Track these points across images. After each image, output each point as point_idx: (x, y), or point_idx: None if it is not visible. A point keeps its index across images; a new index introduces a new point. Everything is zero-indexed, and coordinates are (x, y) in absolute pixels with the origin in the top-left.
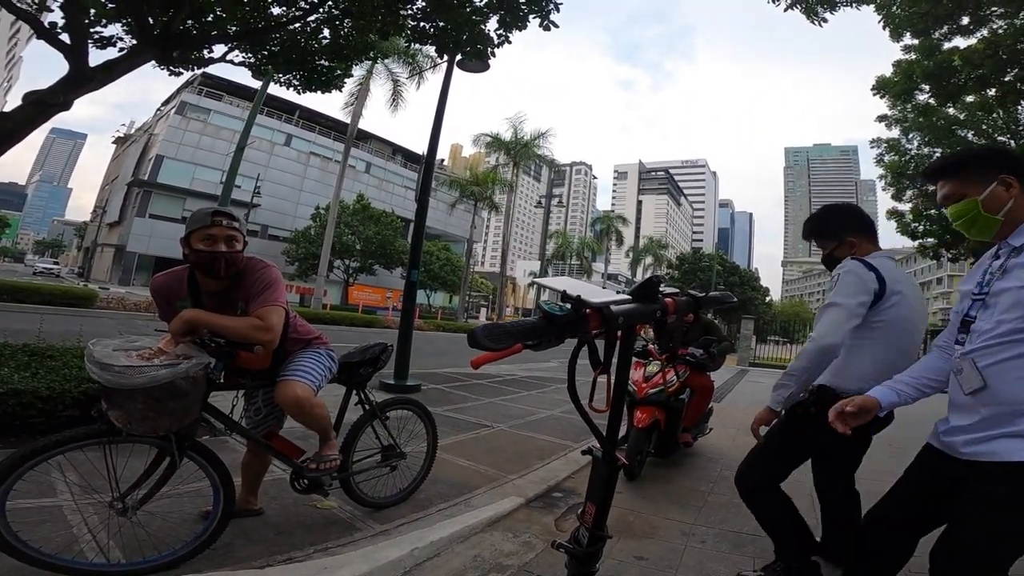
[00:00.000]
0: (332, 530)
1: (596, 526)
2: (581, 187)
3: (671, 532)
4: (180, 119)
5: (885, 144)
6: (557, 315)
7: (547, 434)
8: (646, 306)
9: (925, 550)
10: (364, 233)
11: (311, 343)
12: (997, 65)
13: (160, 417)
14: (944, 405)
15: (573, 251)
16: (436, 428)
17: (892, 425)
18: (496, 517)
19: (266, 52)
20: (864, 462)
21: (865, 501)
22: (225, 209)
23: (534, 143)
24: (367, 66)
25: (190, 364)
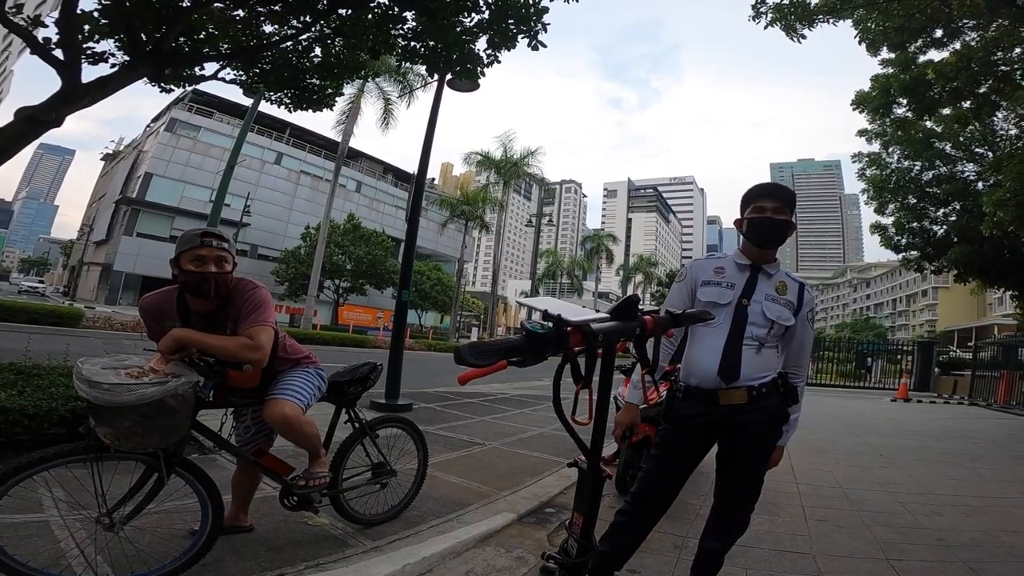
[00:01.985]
0: (323, 547)
1: (584, 536)
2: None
3: (663, 545)
4: (170, 136)
5: (866, 158)
6: (539, 333)
7: (539, 451)
8: (626, 324)
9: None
10: (354, 253)
11: (300, 362)
12: (971, 78)
13: (148, 434)
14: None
15: (564, 270)
16: (427, 445)
17: (882, 434)
18: (489, 533)
19: (257, 70)
20: (856, 472)
21: (860, 509)
22: (215, 230)
23: (524, 161)
24: (358, 85)
25: (179, 382)
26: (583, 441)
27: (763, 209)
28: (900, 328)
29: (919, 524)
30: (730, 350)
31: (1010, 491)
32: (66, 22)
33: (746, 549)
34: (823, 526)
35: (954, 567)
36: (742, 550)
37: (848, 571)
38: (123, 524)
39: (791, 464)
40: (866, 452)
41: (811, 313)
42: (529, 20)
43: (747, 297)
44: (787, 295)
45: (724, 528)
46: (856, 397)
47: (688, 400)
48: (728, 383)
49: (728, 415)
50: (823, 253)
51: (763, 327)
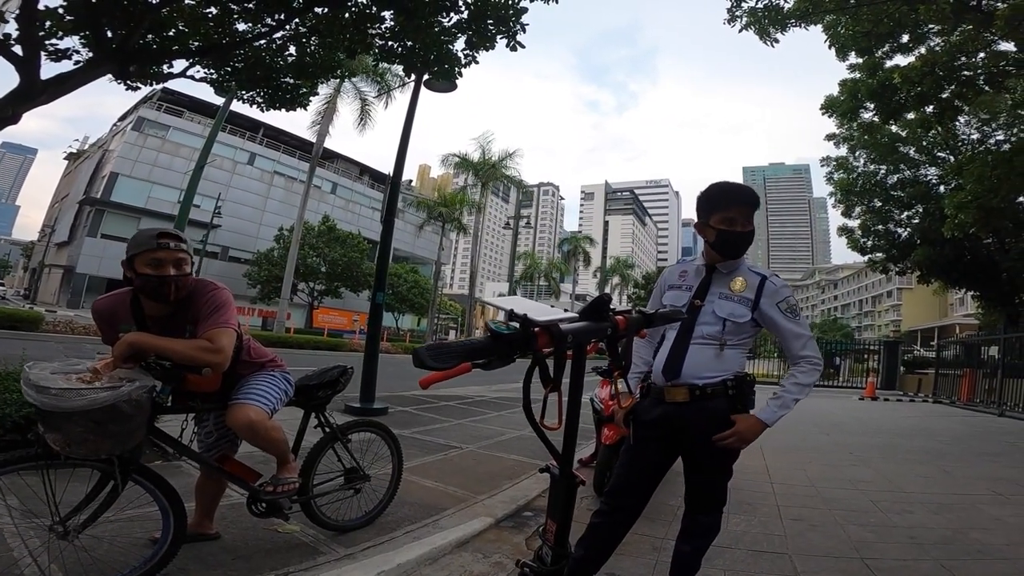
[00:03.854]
0: (294, 554)
1: (558, 543)
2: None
3: (642, 547)
4: (137, 135)
5: (834, 162)
6: (503, 334)
7: (517, 454)
8: (596, 324)
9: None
10: (329, 255)
11: (265, 366)
12: (935, 82)
13: (101, 440)
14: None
15: (541, 272)
16: (401, 450)
17: (851, 432)
18: (465, 538)
19: (229, 68)
20: (827, 470)
21: (833, 508)
22: (172, 230)
23: (502, 163)
24: (334, 84)
25: (133, 387)
26: (555, 446)
27: (734, 222)
28: (867, 328)
29: (891, 522)
30: (675, 348)
31: (976, 488)
32: (28, 18)
33: (723, 550)
34: (798, 525)
35: (927, 565)
36: (719, 551)
37: (824, 571)
38: (77, 533)
39: (765, 464)
40: (837, 450)
41: (783, 303)
42: (508, 20)
43: (700, 297)
44: (744, 292)
45: (692, 531)
46: (826, 396)
47: (647, 399)
48: (669, 379)
49: (672, 413)
50: (793, 255)
51: (714, 325)
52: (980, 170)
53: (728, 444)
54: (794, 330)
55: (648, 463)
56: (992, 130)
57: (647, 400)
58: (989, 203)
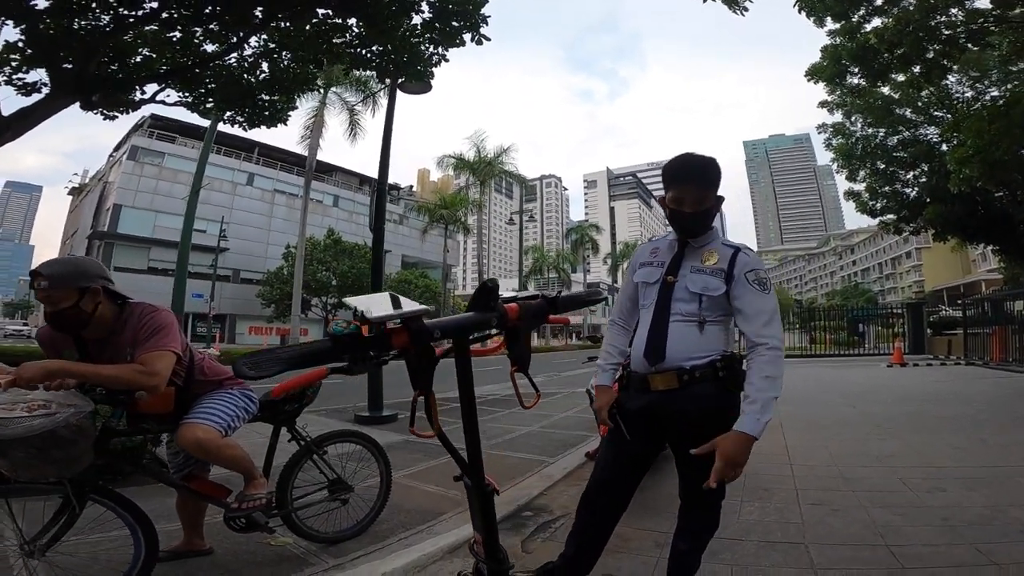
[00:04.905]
0: (283, 567)
1: (490, 556)
2: (553, 200)
3: (644, 544)
4: (133, 164)
5: (831, 128)
6: (340, 335)
7: (523, 451)
8: (478, 315)
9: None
10: (338, 268)
11: (223, 384)
12: (915, 43)
13: (45, 465)
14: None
15: (550, 264)
16: (388, 458)
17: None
18: (458, 543)
19: (203, 90)
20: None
21: (857, 489)
22: (39, 269)
23: (498, 160)
24: (318, 97)
25: (68, 413)
26: (460, 455)
27: (681, 202)
28: (890, 291)
29: (921, 502)
30: (655, 329)
31: (1015, 458)
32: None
33: (733, 542)
34: (817, 511)
35: (961, 550)
36: (728, 544)
37: (843, 561)
38: (43, 552)
39: (785, 442)
40: (863, 423)
41: (752, 274)
42: (468, 14)
43: (673, 273)
44: (716, 264)
45: (688, 528)
46: (851, 365)
47: (629, 390)
48: (654, 364)
49: (660, 403)
50: (805, 224)
51: (691, 301)
52: (978, 125)
53: (722, 476)
54: (759, 304)
55: (631, 457)
56: (985, 87)
57: (629, 390)
58: (992, 156)
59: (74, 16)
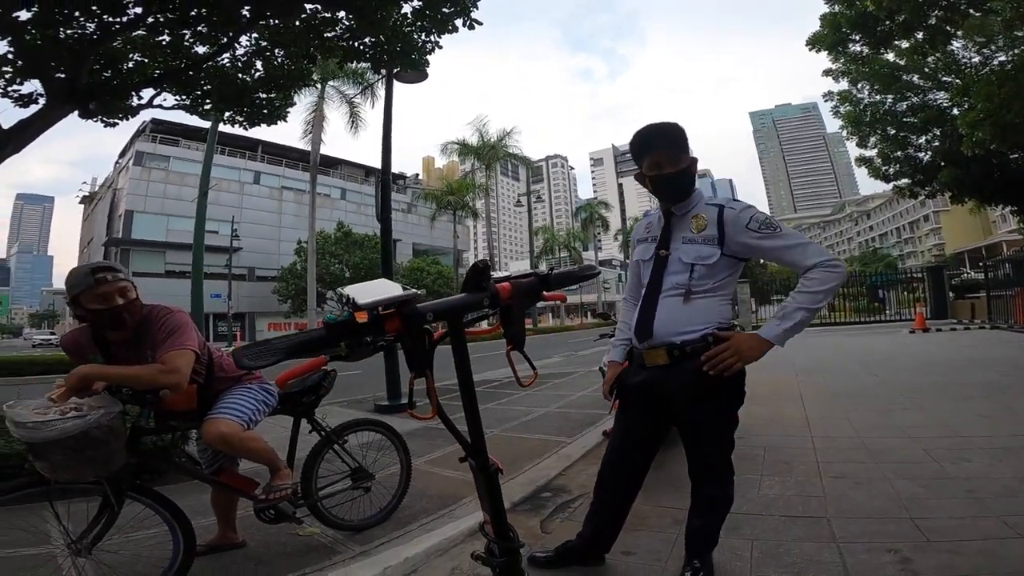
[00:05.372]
0: (311, 556)
1: (499, 536)
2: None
3: (663, 521)
4: (140, 170)
5: (837, 96)
6: (334, 323)
7: (540, 432)
8: (470, 296)
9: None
10: (350, 260)
11: (241, 379)
12: (916, 9)
13: (83, 465)
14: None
15: (561, 244)
16: (407, 445)
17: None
18: (478, 526)
19: (199, 92)
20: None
21: (881, 461)
22: (105, 263)
23: (501, 143)
24: (318, 91)
25: (99, 414)
26: (463, 436)
27: (660, 165)
28: (909, 256)
29: (946, 474)
30: (645, 307)
31: None
32: None
33: (754, 517)
34: (840, 484)
35: (986, 523)
36: (748, 519)
37: (867, 534)
38: (89, 550)
39: (806, 414)
40: (885, 393)
41: (753, 223)
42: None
43: (665, 247)
44: (706, 230)
45: (701, 504)
46: (872, 332)
47: (631, 366)
48: (643, 341)
49: (655, 379)
50: (818, 192)
51: (682, 273)
52: (987, 89)
53: (723, 362)
54: (783, 243)
55: (639, 432)
56: (992, 52)
57: (629, 369)
58: (1003, 119)
59: (59, 26)
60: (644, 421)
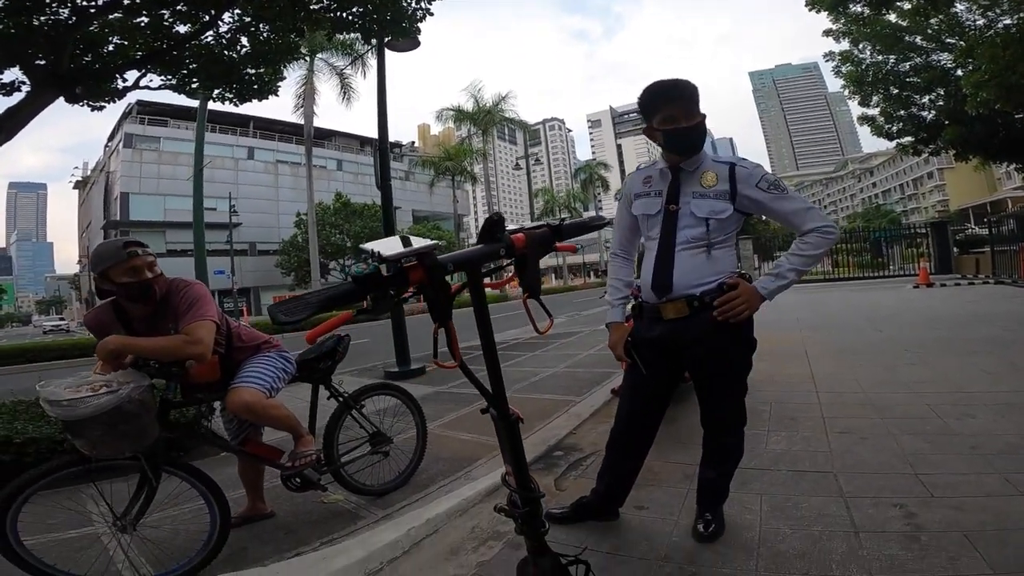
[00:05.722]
0: (337, 522)
1: (521, 486)
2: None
3: (674, 476)
4: (131, 152)
5: (839, 56)
6: (362, 275)
7: (549, 392)
8: (486, 247)
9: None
10: (351, 230)
11: (260, 348)
12: None
13: (119, 441)
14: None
15: (561, 205)
16: (421, 408)
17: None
18: (494, 487)
19: (185, 71)
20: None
21: (886, 417)
22: (133, 239)
23: (497, 108)
24: (307, 65)
25: (130, 388)
26: (484, 386)
27: (675, 119)
28: (913, 212)
29: (950, 429)
30: (661, 261)
31: None
32: None
33: (761, 472)
34: (845, 439)
35: (991, 479)
36: (757, 473)
37: (872, 489)
38: (134, 526)
39: (811, 370)
40: (890, 348)
41: (762, 182)
42: None
43: (674, 202)
44: (717, 185)
45: (713, 455)
46: (877, 288)
47: (642, 320)
48: (662, 296)
49: (675, 331)
50: (820, 150)
51: (698, 227)
52: (992, 51)
53: (734, 308)
54: (788, 206)
55: (651, 387)
56: (997, 15)
57: (642, 320)
58: (1008, 80)
59: (31, 13)
60: (657, 376)
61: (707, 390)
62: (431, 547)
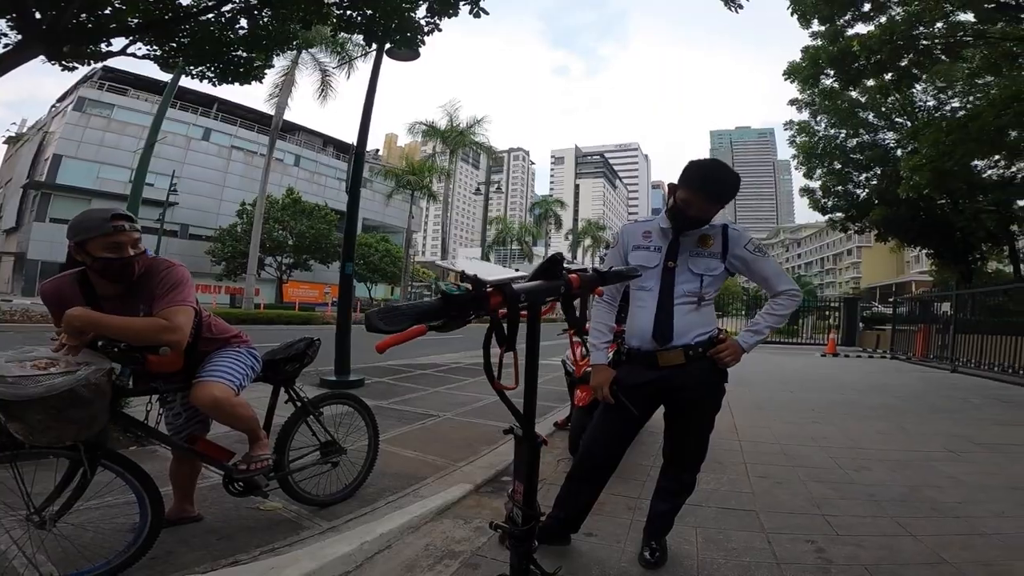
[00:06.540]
0: (277, 531)
1: (527, 504)
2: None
3: (617, 507)
4: (79, 116)
5: (797, 126)
6: (454, 295)
7: (494, 419)
8: (550, 283)
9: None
10: (296, 228)
11: (229, 342)
12: (893, 51)
13: (63, 427)
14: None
15: (513, 236)
16: (376, 420)
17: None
18: (446, 505)
19: (175, 44)
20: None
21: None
22: (124, 212)
23: (470, 130)
24: (292, 56)
25: (89, 370)
26: (516, 407)
27: (689, 204)
28: (828, 285)
29: (850, 479)
30: (662, 313)
31: (931, 445)
32: None
33: (696, 508)
34: (764, 483)
35: (884, 522)
36: (692, 509)
37: (788, 527)
38: (54, 522)
39: (734, 422)
40: (800, 408)
41: (750, 244)
42: None
43: (672, 259)
44: (711, 246)
45: (671, 490)
46: (790, 353)
47: (631, 364)
48: (663, 345)
49: (669, 377)
50: (759, 215)
51: (693, 282)
52: (935, 135)
53: (726, 359)
54: (768, 268)
55: (630, 426)
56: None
57: (632, 366)
58: (943, 166)
59: None
60: (639, 418)
61: (686, 430)
62: (384, 563)
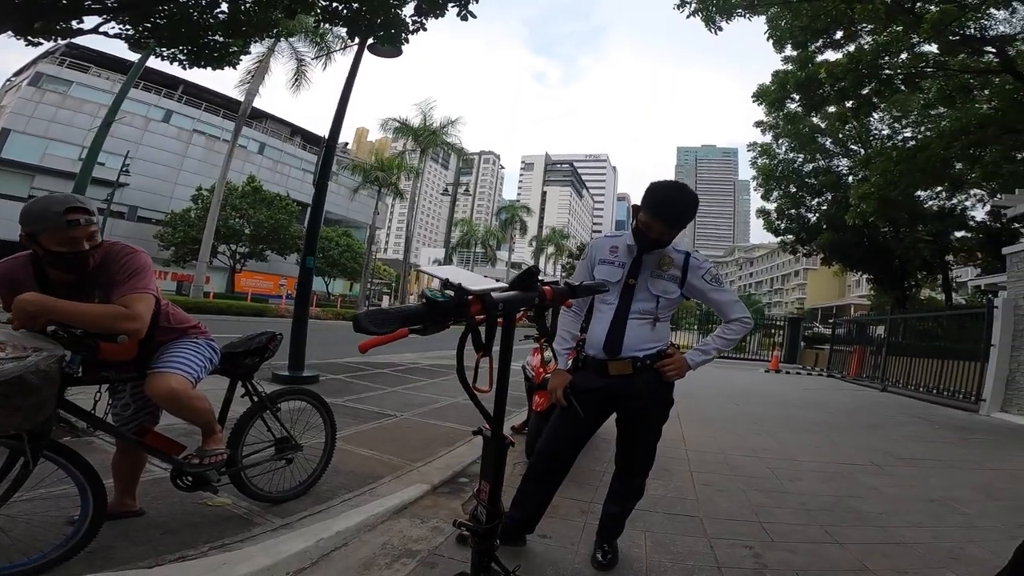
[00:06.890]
0: (227, 527)
1: (492, 503)
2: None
3: (571, 511)
4: (34, 91)
5: (759, 147)
6: (439, 301)
7: (451, 421)
8: (525, 294)
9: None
10: (254, 217)
11: (187, 332)
12: (857, 79)
13: (7, 415)
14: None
15: (478, 239)
16: (334, 418)
17: (757, 404)
18: (403, 504)
19: (149, 24)
20: (734, 439)
21: (738, 475)
22: (80, 203)
23: (443, 130)
24: (268, 43)
25: (40, 357)
26: (487, 409)
27: (649, 228)
28: (776, 304)
29: (785, 489)
30: (615, 326)
31: (858, 458)
32: None
33: (644, 513)
34: (707, 490)
35: (814, 530)
36: (640, 514)
37: (729, 533)
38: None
39: (682, 432)
40: (743, 420)
41: (707, 275)
42: None
43: (634, 277)
44: (671, 270)
45: (622, 494)
46: (736, 368)
47: (586, 371)
48: (612, 356)
49: (618, 385)
50: (717, 233)
51: (650, 302)
52: (885, 164)
53: (672, 371)
54: (723, 298)
55: (583, 431)
56: (902, 127)
57: (586, 372)
58: (889, 195)
59: None
60: (590, 421)
61: (634, 438)
62: (341, 560)
